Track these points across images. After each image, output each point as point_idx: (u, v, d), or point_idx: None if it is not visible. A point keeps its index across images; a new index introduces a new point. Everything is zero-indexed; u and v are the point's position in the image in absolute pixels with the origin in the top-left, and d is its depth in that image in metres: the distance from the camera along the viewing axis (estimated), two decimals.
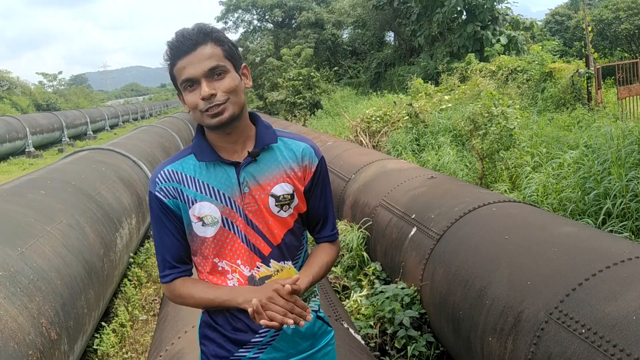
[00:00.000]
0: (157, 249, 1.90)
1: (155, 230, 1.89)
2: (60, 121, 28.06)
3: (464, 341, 3.52)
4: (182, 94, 1.81)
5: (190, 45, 1.73)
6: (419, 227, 4.66)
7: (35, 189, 5.28)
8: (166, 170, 1.86)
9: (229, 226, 1.83)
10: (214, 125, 1.76)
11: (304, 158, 1.92)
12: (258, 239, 1.85)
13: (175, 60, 1.76)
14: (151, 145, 11.08)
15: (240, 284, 1.84)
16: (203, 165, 1.84)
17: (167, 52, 1.78)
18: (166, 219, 1.85)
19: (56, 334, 3.61)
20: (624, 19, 27.31)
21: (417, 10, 25.82)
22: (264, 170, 1.86)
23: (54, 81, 60.15)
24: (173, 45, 1.75)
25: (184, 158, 1.88)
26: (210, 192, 1.82)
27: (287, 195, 1.87)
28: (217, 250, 1.84)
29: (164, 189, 1.84)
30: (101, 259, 5.10)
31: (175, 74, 1.78)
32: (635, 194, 5.22)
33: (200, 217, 1.82)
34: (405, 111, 13.08)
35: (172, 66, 1.78)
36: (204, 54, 1.73)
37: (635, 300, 2.46)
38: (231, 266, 1.85)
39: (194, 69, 1.72)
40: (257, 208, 1.84)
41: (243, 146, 1.86)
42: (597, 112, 12.29)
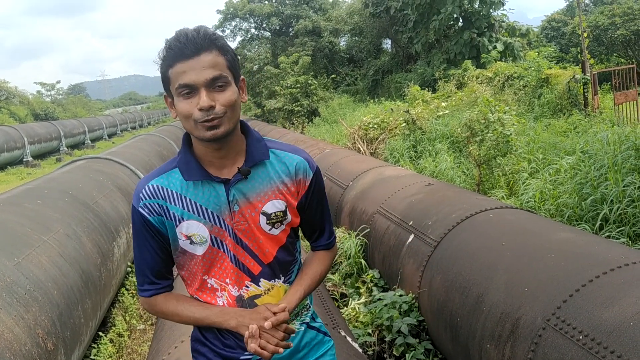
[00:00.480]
0: (136, 261, 1.84)
1: (136, 244, 1.82)
2: (58, 130, 28.07)
3: (462, 348, 3.51)
4: (172, 98, 1.69)
5: (193, 49, 1.60)
6: (416, 234, 4.66)
7: (32, 198, 5.28)
8: (151, 186, 1.76)
9: (218, 245, 1.76)
10: (207, 138, 1.65)
11: (298, 172, 1.83)
12: (247, 258, 1.78)
13: (173, 62, 1.63)
14: (149, 154, 11.08)
15: (229, 303, 1.79)
16: (190, 182, 1.74)
17: (165, 51, 1.65)
18: (148, 235, 1.78)
19: (53, 345, 3.59)
20: (619, 25, 27.43)
21: (414, 17, 25.92)
22: (255, 187, 1.76)
23: (52, 90, 60.23)
24: (174, 45, 1.62)
25: (170, 172, 1.77)
26: (197, 210, 1.73)
27: (279, 212, 1.79)
28: (205, 267, 1.79)
29: (149, 205, 1.75)
30: (98, 268, 5.09)
31: (170, 76, 1.65)
32: (632, 199, 5.22)
33: (188, 236, 1.75)
34: (403, 118, 13.11)
35: (167, 67, 1.65)
36: (207, 62, 1.61)
37: (632, 306, 2.46)
38: (220, 284, 1.79)
39: (195, 75, 1.60)
40: (247, 227, 1.76)
41: (233, 161, 1.76)
42: (593, 117, 12.32)
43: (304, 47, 34.89)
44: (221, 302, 1.80)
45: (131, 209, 1.83)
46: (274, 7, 39.63)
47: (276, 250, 1.82)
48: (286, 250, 1.86)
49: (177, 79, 1.63)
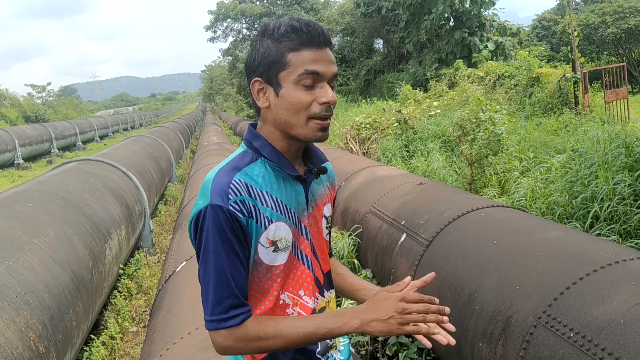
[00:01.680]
0: (216, 281, 1.47)
1: (218, 256, 1.46)
2: (49, 132, 27.91)
3: (454, 347, 3.51)
4: (279, 86, 1.50)
5: (324, 40, 1.50)
6: (408, 234, 4.67)
7: (22, 201, 5.24)
8: (239, 180, 1.50)
9: (296, 251, 1.59)
10: (318, 138, 1.52)
11: (333, 177, 1.82)
12: (317, 266, 1.65)
13: (299, 46, 1.47)
14: (141, 155, 11.03)
15: None
16: (273, 178, 1.55)
17: (288, 32, 1.48)
18: (238, 242, 1.47)
19: (44, 348, 3.57)
20: (610, 23, 27.64)
21: (405, 17, 26.00)
22: (319, 189, 1.70)
23: (42, 92, 59.89)
24: (305, 29, 1.47)
25: (249, 166, 1.55)
26: (284, 210, 1.55)
27: (331, 217, 1.75)
28: (282, 279, 1.56)
29: (240, 203, 1.46)
30: (90, 271, 5.06)
31: (289, 60, 1.47)
32: (622, 197, 5.26)
33: (274, 241, 1.53)
34: (395, 118, 13.14)
35: (288, 49, 1.48)
36: (331, 57, 1.53)
37: (622, 303, 2.48)
38: (293, 298, 1.58)
39: (325, 67, 1.49)
40: (316, 230, 1.66)
41: (299, 162, 1.66)
42: (584, 116, 12.41)
43: None
44: None
45: (205, 212, 1.46)
46: (265, 8, 39.63)
47: (328, 259, 1.74)
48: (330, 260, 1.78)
49: (303, 65, 1.47)
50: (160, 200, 11.96)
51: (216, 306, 1.46)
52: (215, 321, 1.46)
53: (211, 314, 1.47)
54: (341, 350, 1.74)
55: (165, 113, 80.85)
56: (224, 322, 1.46)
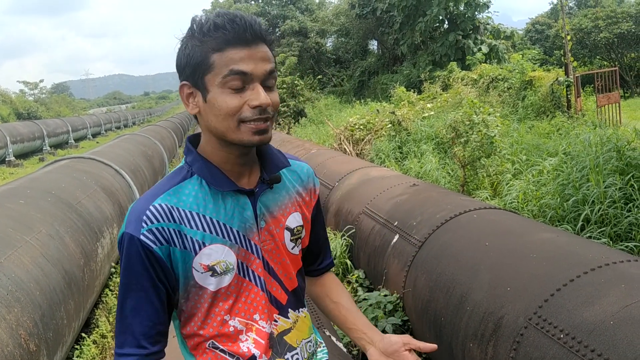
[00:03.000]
0: (120, 314, 1.38)
1: (126, 288, 1.37)
2: (42, 130, 27.74)
3: (445, 347, 3.53)
4: (206, 90, 1.36)
5: (253, 36, 1.33)
6: (401, 235, 4.69)
7: (14, 198, 5.22)
8: (158, 206, 1.36)
9: (245, 273, 1.44)
10: (255, 143, 1.37)
11: (309, 180, 1.65)
12: (275, 285, 1.50)
13: (224, 45, 1.32)
14: (134, 154, 11.00)
15: (258, 346, 1.45)
16: (208, 196, 1.40)
17: (210, 30, 1.33)
18: (148, 276, 1.36)
19: (35, 346, 3.56)
20: (603, 28, 27.82)
21: (400, 19, 26.08)
22: (277, 198, 1.53)
23: (35, 89, 59.56)
24: (228, 26, 1.31)
25: (179, 185, 1.41)
26: (221, 231, 1.41)
27: (300, 227, 1.57)
28: (228, 304, 1.43)
29: (155, 231, 1.35)
30: (81, 269, 5.04)
31: (213, 61, 1.33)
32: (613, 200, 5.30)
33: (209, 266, 1.39)
34: (388, 119, 13.17)
35: (211, 50, 1.33)
36: (265, 54, 1.36)
37: (612, 305, 2.50)
38: (246, 324, 1.45)
39: (253, 65, 1.32)
40: (273, 246, 1.50)
41: (250, 170, 1.49)
42: (576, 119, 12.49)
43: (291, 48, 34.92)
44: (245, 347, 1.44)
45: (122, 239, 1.37)
46: (260, 8, 39.60)
47: (296, 275, 1.58)
48: (302, 275, 1.63)
49: (227, 65, 1.32)
50: None
51: (119, 337, 1.39)
52: (116, 353, 1.39)
53: (116, 345, 1.39)
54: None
55: (158, 112, 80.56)
56: (117, 357, 1.38)
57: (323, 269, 1.77)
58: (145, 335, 1.37)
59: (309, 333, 1.62)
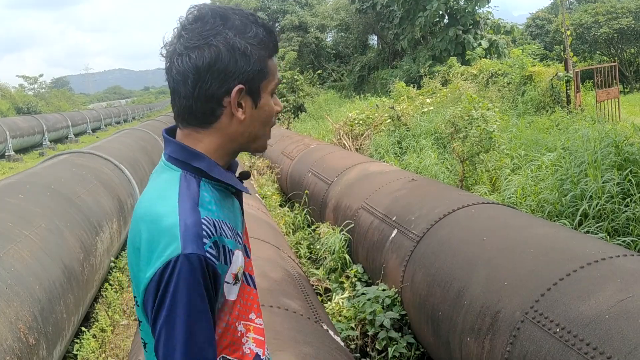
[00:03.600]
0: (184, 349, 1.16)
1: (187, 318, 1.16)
2: (41, 124, 27.71)
3: (443, 342, 3.55)
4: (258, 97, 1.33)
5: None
6: (399, 230, 4.70)
7: (13, 193, 5.22)
8: (207, 218, 1.24)
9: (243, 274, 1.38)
10: (263, 149, 1.43)
11: None
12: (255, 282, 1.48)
13: (273, 53, 1.36)
14: (133, 148, 11.00)
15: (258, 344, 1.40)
16: (219, 201, 1.32)
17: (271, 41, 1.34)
18: (210, 297, 1.22)
19: (34, 339, 3.57)
20: (602, 23, 27.77)
21: (400, 14, 26.00)
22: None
23: (34, 84, 59.40)
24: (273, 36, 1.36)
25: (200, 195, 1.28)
26: (234, 235, 1.33)
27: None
28: (238, 310, 1.35)
29: (214, 245, 1.23)
30: (81, 263, 5.06)
31: (270, 67, 1.34)
32: (611, 195, 5.31)
33: (236, 274, 1.32)
34: (388, 114, 13.16)
35: (268, 57, 1.34)
36: None
37: (607, 299, 2.52)
38: (246, 325, 1.38)
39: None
40: (250, 244, 1.49)
41: None
42: (575, 114, 12.48)
43: (290, 43, 34.83)
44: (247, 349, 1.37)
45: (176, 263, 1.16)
46: (260, 2, 39.47)
47: None
48: None
49: (275, 74, 1.35)
50: None
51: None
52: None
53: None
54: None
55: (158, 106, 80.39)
56: None
57: None
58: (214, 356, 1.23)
59: None
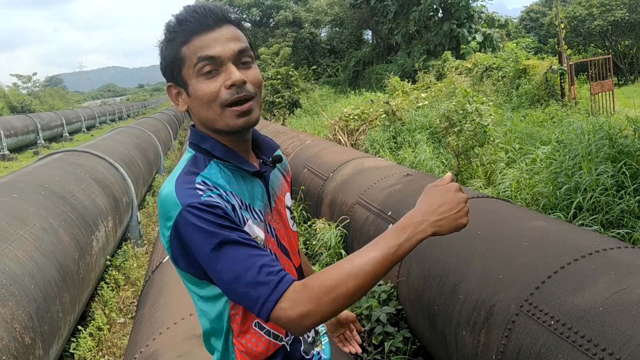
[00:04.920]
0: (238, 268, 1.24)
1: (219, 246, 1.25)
2: (35, 123, 27.60)
3: (439, 335, 3.56)
4: (186, 85, 1.40)
5: (214, 19, 1.37)
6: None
7: (7, 192, 5.21)
8: (202, 181, 1.35)
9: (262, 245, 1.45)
10: (240, 126, 1.38)
11: (286, 163, 1.71)
12: (287, 262, 1.52)
13: (189, 36, 1.36)
14: (128, 146, 10.97)
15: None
16: (232, 179, 1.41)
17: (175, 26, 1.38)
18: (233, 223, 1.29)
19: (30, 339, 3.57)
20: (597, 16, 27.80)
21: (394, 8, 25.98)
22: (276, 179, 1.58)
23: (28, 83, 59.18)
24: (190, 17, 1.36)
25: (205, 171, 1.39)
26: (250, 210, 1.42)
27: (292, 205, 1.63)
28: None
29: (215, 196, 1.31)
30: (76, 262, 5.05)
31: (184, 54, 1.37)
32: (605, 187, 5.33)
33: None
34: (383, 109, 13.16)
35: (180, 45, 1.37)
36: (231, 34, 1.38)
37: (602, 292, 2.53)
38: None
39: (220, 47, 1.35)
40: (282, 224, 1.54)
41: (249, 155, 1.52)
42: (570, 107, 12.52)
43: (285, 38, 34.77)
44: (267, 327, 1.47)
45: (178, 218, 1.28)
46: None
47: (298, 251, 1.63)
48: (301, 253, 1.68)
49: (196, 53, 1.35)
50: (148, 192, 11.91)
51: (257, 288, 1.22)
52: (267, 301, 1.22)
53: (257, 298, 1.22)
54: (323, 349, 1.66)
55: (153, 104, 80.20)
56: (274, 293, 1.22)
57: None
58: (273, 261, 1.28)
59: None
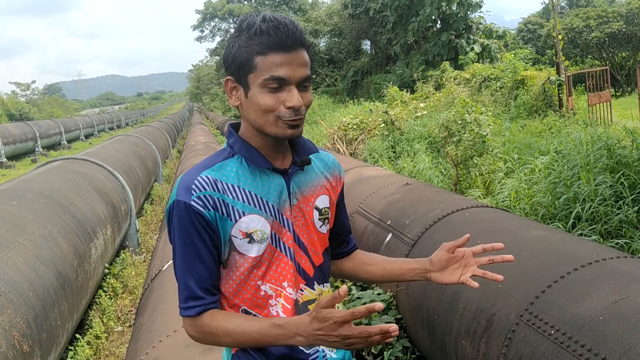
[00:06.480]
0: (179, 273, 1.56)
1: (181, 249, 1.55)
2: (34, 131, 27.60)
3: (438, 345, 3.56)
4: (247, 87, 1.53)
5: (292, 43, 1.48)
6: (394, 233, 4.71)
7: (6, 199, 5.20)
8: (205, 177, 1.55)
9: (277, 243, 1.61)
10: (287, 136, 1.54)
11: (335, 167, 1.82)
12: (304, 258, 1.66)
13: (267, 50, 1.47)
14: (127, 154, 10.98)
15: (285, 310, 1.60)
16: (247, 173, 1.59)
17: (256, 35, 1.48)
18: (200, 236, 1.52)
19: (28, 347, 3.55)
20: (594, 27, 27.99)
21: (393, 19, 26.13)
22: (307, 180, 1.70)
23: (27, 90, 59.20)
24: (272, 33, 1.47)
25: (222, 163, 1.60)
26: (259, 203, 1.58)
27: (327, 208, 1.73)
28: (262, 271, 1.60)
29: (203, 198, 1.52)
30: (75, 270, 5.04)
31: (256, 63, 1.49)
32: (603, 197, 5.34)
33: (248, 233, 1.56)
34: (382, 119, 13.20)
35: (256, 53, 1.49)
36: (303, 60, 1.52)
37: (602, 301, 2.53)
38: (275, 290, 1.61)
39: (291, 71, 1.48)
40: (304, 222, 1.66)
41: (284, 154, 1.67)
42: (568, 118, 12.57)
43: None
44: (275, 312, 1.60)
45: (172, 207, 1.55)
46: (253, 8, 39.60)
47: (322, 252, 1.73)
48: (328, 254, 1.79)
49: (268, 70, 1.47)
50: (147, 200, 11.90)
51: (181, 296, 1.55)
52: (180, 309, 1.56)
53: (179, 301, 1.56)
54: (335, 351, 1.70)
55: (151, 112, 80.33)
56: (183, 311, 1.55)
57: (349, 251, 1.94)
58: (203, 289, 1.54)
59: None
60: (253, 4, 40.84)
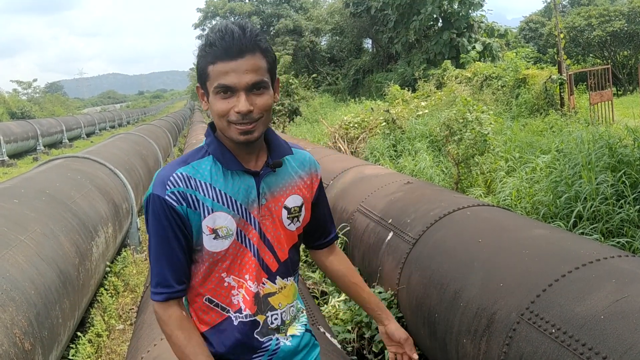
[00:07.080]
0: (153, 260, 1.70)
1: (155, 240, 1.68)
2: (35, 129, 27.62)
3: (439, 343, 3.56)
4: (208, 94, 1.66)
5: (237, 50, 1.57)
6: (395, 232, 4.71)
7: (8, 198, 5.21)
8: (180, 174, 1.67)
9: (242, 239, 1.72)
10: (241, 141, 1.65)
11: (311, 167, 1.90)
12: (268, 254, 1.77)
13: (214, 59, 1.59)
14: (128, 153, 10.98)
15: (244, 301, 1.74)
16: (220, 172, 1.70)
17: (206, 47, 1.60)
18: (172, 229, 1.65)
19: (30, 345, 3.56)
20: (596, 26, 27.93)
21: (394, 17, 26.11)
22: (279, 181, 1.79)
23: (28, 89, 59.27)
24: (218, 43, 1.57)
25: (197, 161, 1.71)
26: (227, 202, 1.69)
27: (297, 207, 1.83)
28: (226, 264, 1.72)
29: (177, 193, 1.64)
30: (76, 268, 5.04)
31: (209, 72, 1.61)
32: (605, 196, 5.34)
33: (214, 229, 1.68)
34: (383, 117, 13.20)
35: (207, 63, 1.61)
36: (250, 65, 1.59)
37: (603, 300, 2.53)
38: (238, 281, 1.74)
39: (237, 78, 1.58)
40: (271, 221, 1.77)
41: (257, 156, 1.76)
42: (569, 117, 12.55)
43: (285, 47, 34.91)
44: (236, 301, 1.74)
45: (148, 199, 1.68)
46: (254, 6, 39.58)
47: (289, 248, 1.84)
48: (296, 250, 1.89)
49: (216, 78, 1.60)
50: None
51: (153, 281, 1.69)
52: (152, 292, 1.70)
53: (151, 285, 1.70)
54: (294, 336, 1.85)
55: (152, 111, 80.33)
56: (152, 295, 1.69)
57: (329, 242, 2.07)
58: (172, 277, 1.67)
59: (293, 299, 1.88)
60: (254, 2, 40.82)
